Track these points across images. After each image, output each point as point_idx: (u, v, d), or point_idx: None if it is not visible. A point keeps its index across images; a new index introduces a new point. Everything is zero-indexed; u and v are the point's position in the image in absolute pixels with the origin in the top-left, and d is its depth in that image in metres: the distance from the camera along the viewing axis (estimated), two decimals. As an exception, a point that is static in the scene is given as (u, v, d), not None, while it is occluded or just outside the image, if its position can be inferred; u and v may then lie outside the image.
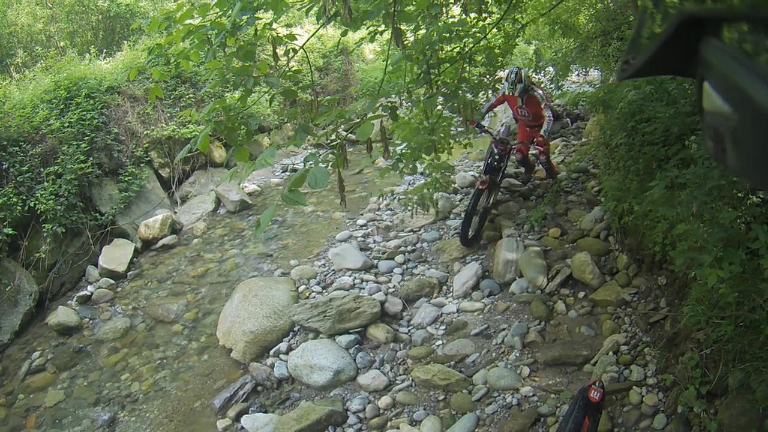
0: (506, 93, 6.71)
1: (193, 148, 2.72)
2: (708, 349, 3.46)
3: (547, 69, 10.36)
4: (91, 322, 7.04)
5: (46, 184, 7.96)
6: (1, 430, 5.47)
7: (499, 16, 5.63)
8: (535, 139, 6.64)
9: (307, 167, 2.10)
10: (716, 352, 3.41)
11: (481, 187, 6.38)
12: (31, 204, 7.71)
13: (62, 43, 13.09)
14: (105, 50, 11.74)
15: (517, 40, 6.40)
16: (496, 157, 6.62)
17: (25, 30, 12.73)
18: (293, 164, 11.49)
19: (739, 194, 3.24)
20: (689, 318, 3.51)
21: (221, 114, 3.29)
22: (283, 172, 11.40)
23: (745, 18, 0.48)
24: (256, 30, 3.25)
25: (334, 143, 2.55)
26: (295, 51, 3.21)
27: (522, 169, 8.02)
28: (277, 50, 3.35)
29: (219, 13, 3.16)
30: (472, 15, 5.11)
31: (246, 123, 2.86)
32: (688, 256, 3.33)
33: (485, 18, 5.26)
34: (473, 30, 4.98)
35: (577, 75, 10.85)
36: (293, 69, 3.11)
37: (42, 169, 8.08)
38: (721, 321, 3.27)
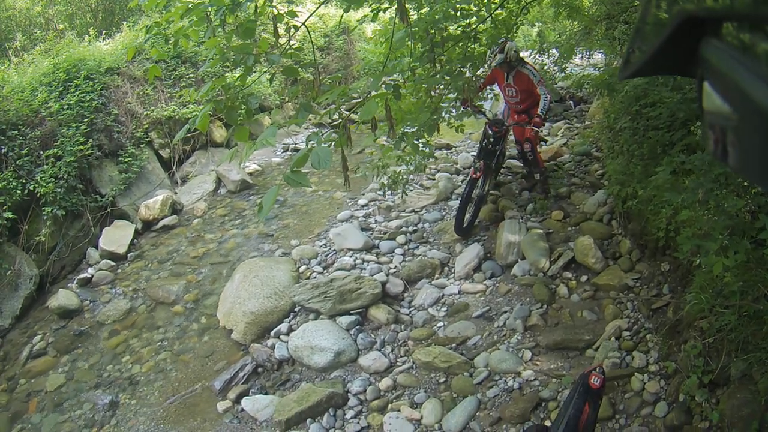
0: (492, 66, 6.33)
1: (192, 128, 2.68)
2: (711, 338, 3.45)
3: (550, 51, 10.26)
4: (91, 304, 7.03)
5: (45, 167, 7.91)
6: (3, 416, 5.46)
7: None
8: (532, 121, 6.17)
9: (309, 147, 2.06)
10: (719, 342, 3.40)
11: (474, 175, 6.15)
12: (31, 187, 7.66)
13: (61, 26, 12.97)
14: (104, 32, 11.64)
15: (519, 19, 6.29)
16: (491, 139, 6.30)
17: (23, 13, 12.64)
18: (295, 144, 11.41)
19: (745, 183, 3.20)
20: (692, 306, 3.49)
21: (221, 93, 3.24)
22: (284, 151, 11.32)
23: (745, 18, 0.47)
24: (256, 7, 3.19)
25: (337, 122, 2.50)
26: (296, 28, 3.16)
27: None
28: (278, 28, 3.29)
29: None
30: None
31: (246, 102, 2.82)
32: (694, 243, 3.31)
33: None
34: (478, 8, 4.90)
35: (581, 58, 10.74)
36: (295, 47, 3.06)
37: (41, 152, 8.02)
38: (724, 310, 3.25)
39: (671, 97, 4.37)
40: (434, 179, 8.06)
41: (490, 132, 6.29)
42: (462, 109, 5.34)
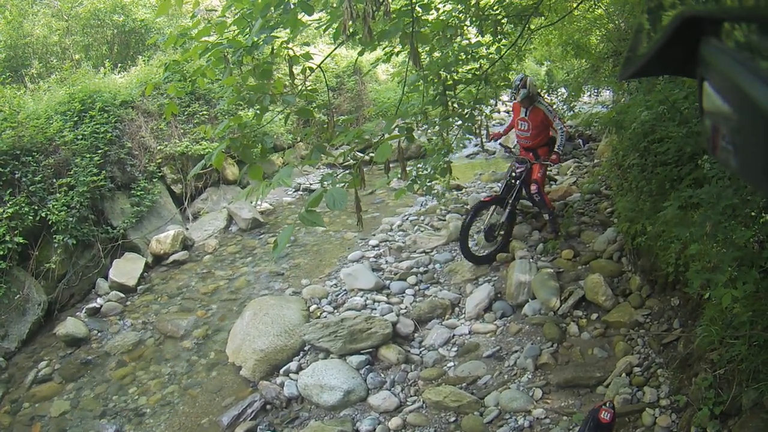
0: (517, 100, 6.48)
1: (208, 164, 2.73)
2: (722, 369, 3.42)
3: (559, 90, 10.38)
4: (99, 334, 7.04)
5: (58, 195, 8.00)
6: None
7: (514, 37, 5.65)
8: (550, 158, 6.33)
9: (324, 188, 2.10)
10: (730, 372, 3.37)
11: (483, 200, 6.41)
12: (43, 214, 7.74)
13: (77, 56, 13.21)
14: (119, 64, 11.87)
15: (526, 61, 6.44)
16: (513, 175, 6.51)
17: (40, 41, 12.85)
18: (308, 183, 11.55)
19: (753, 213, 3.21)
20: (703, 338, 3.48)
21: (236, 131, 3.30)
22: (295, 191, 11.45)
23: (744, 18, 0.48)
24: (272, 48, 3.27)
25: (350, 163, 2.54)
26: (312, 70, 3.23)
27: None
28: (293, 69, 3.36)
29: (236, 31, 3.19)
30: (487, 36, 5.15)
31: (261, 141, 2.87)
32: (704, 277, 3.31)
33: (500, 39, 5.28)
34: (488, 51, 5.00)
35: (589, 96, 10.86)
36: (309, 88, 3.12)
37: (54, 180, 8.12)
38: (734, 341, 3.24)
39: (678, 131, 4.40)
40: (445, 220, 8.11)
41: (515, 165, 6.62)
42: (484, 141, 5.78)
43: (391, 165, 2.88)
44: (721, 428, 3.35)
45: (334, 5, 3.13)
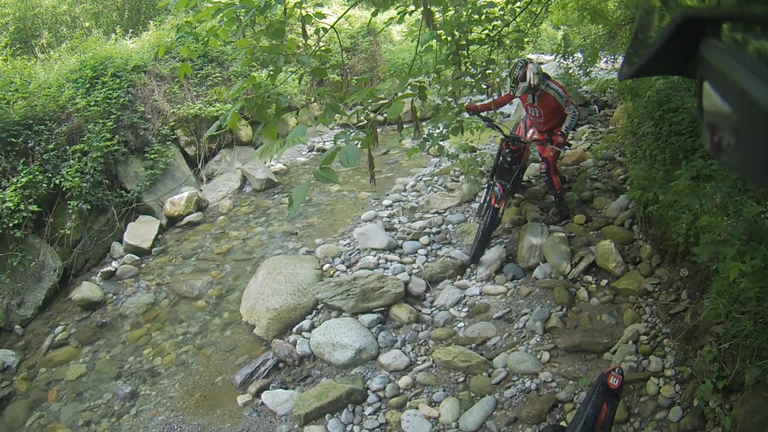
0: (515, 95, 5.82)
1: (223, 125, 2.76)
2: (726, 343, 3.44)
3: (575, 55, 10.25)
4: (114, 297, 7.16)
5: (71, 161, 8.07)
6: (22, 403, 5.59)
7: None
8: (554, 140, 5.69)
9: (338, 145, 2.12)
10: (734, 347, 3.39)
11: (496, 205, 5.75)
12: (57, 181, 7.82)
13: (87, 24, 13.18)
14: (131, 30, 11.84)
15: (543, 25, 6.29)
16: (508, 158, 5.83)
17: (49, 11, 12.83)
18: (322, 143, 11.56)
19: (764, 189, 3.20)
20: (709, 311, 3.50)
21: (249, 92, 3.31)
22: (309, 151, 11.46)
23: (744, 18, 0.48)
24: (285, 8, 3.26)
25: (363, 123, 2.56)
26: (325, 30, 3.22)
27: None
28: (306, 29, 3.36)
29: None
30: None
31: (276, 101, 2.89)
32: (712, 249, 3.32)
33: (514, 1, 5.22)
34: (502, 13, 4.95)
35: (606, 62, 10.70)
36: (324, 48, 3.13)
37: (68, 147, 8.19)
38: (741, 316, 3.25)
39: (693, 101, 4.36)
40: (458, 181, 8.10)
41: (506, 150, 5.88)
42: (465, 115, 5.08)
43: (404, 125, 2.90)
44: (723, 403, 3.38)
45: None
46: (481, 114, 5.86)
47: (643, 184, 4.98)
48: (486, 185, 6.05)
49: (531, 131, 6.37)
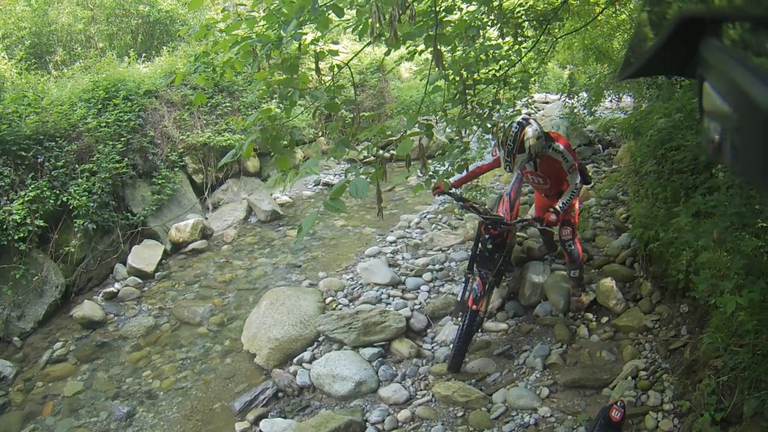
0: (514, 171, 4.91)
1: (238, 154, 2.84)
2: (725, 376, 3.46)
3: (580, 94, 10.39)
4: (116, 318, 7.18)
5: (80, 180, 8.15)
6: (17, 414, 5.58)
7: (534, 40, 5.71)
8: (546, 217, 4.79)
9: (348, 178, 2.20)
10: (733, 380, 3.41)
11: (474, 306, 4.90)
12: (64, 199, 7.89)
13: (101, 45, 13.37)
14: (144, 54, 12.03)
15: (549, 64, 6.35)
16: (489, 245, 4.97)
17: (65, 29, 12.99)
18: (328, 178, 11.69)
19: (763, 223, 3.26)
20: (708, 345, 3.53)
21: (262, 123, 3.40)
22: (315, 185, 11.60)
23: (744, 18, 0.48)
24: (300, 44, 3.37)
25: (370, 159, 2.62)
26: (340, 67, 3.32)
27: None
28: (320, 65, 3.46)
29: (264, 26, 3.28)
30: (508, 38, 5.22)
31: (291, 133, 2.98)
32: (710, 283, 3.36)
33: (521, 42, 5.34)
34: (509, 52, 5.07)
35: (610, 101, 10.85)
36: (336, 84, 3.22)
37: (77, 166, 8.27)
38: (739, 348, 3.28)
39: (693, 139, 4.43)
40: (462, 219, 8.18)
41: (486, 236, 4.99)
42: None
43: (412, 162, 2.98)
44: (721, 435, 3.40)
45: (361, 4, 3.23)
46: (452, 193, 5.23)
47: (644, 222, 5.03)
48: (464, 278, 5.23)
49: (507, 208, 5.66)
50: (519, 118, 4.67)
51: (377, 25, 2.47)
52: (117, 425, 5.25)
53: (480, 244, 5.04)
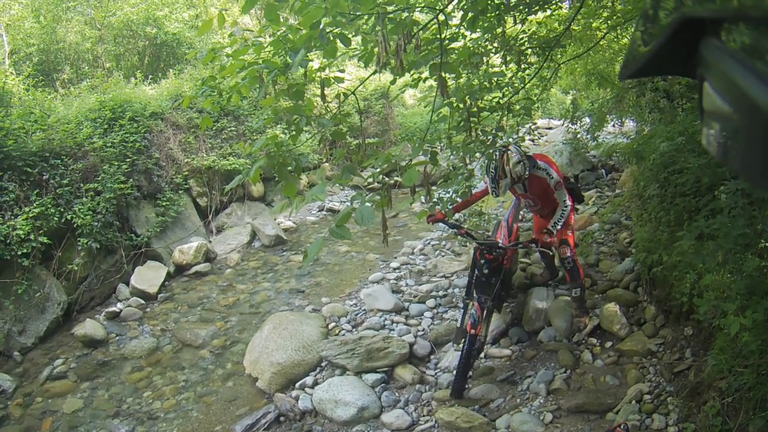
0: (500, 194, 4.96)
1: (245, 179, 2.86)
2: (730, 397, 3.44)
3: (583, 119, 10.45)
4: (117, 337, 7.19)
5: (84, 199, 8.20)
6: (14, 428, 5.58)
7: (537, 66, 5.77)
8: (540, 239, 4.92)
9: (353, 206, 2.22)
10: (737, 401, 3.39)
11: (473, 331, 4.85)
12: (68, 217, 7.93)
13: (108, 65, 13.52)
14: (150, 76, 12.15)
15: (552, 89, 6.39)
16: (485, 270, 5.00)
17: (72, 48, 13.14)
18: (332, 204, 11.75)
19: (766, 243, 3.26)
20: (712, 367, 3.51)
21: (267, 149, 3.43)
22: (319, 211, 11.68)
23: (744, 18, 0.47)
24: (306, 71, 3.41)
25: (373, 185, 2.65)
26: (346, 95, 3.36)
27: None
28: (325, 92, 3.51)
29: (271, 51, 3.33)
30: (511, 65, 5.27)
31: (297, 159, 3.01)
32: (712, 304, 3.36)
33: (524, 68, 5.39)
34: (512, 79, 5.12)
35: (613, 126, 10.90)
36: (343, 112, 3.26)
37: (82, 185, 8.32)
38: (743, 369, 3.27)
39: (696, 161, 4.44)
40: (465, 246, 8.19)
41: (482, 261, 5.02)
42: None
43: (416, 189, 3.00)
44: (726, 456, 3.37)
45: (366, 32, 3.27)
46: (449, 221, 5.22)
47: (648, 246, 5.03)
48: (462, 304, 5.23)
49: (505, 233, 5.72)
50: (498, 149, 4.79)
51: (383, 54, 2.50)
52: (116, 444, 5.22)
53: (476, 270, 5.10)
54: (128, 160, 8.94)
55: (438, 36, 3.11)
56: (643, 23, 0.69)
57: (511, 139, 5.14)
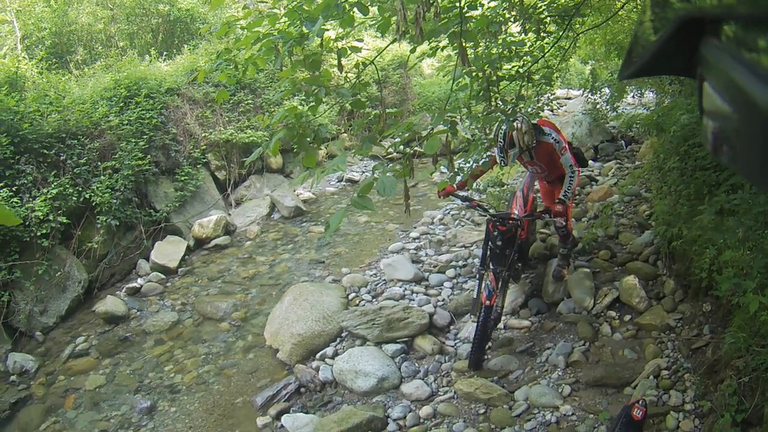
0: (508, 164, 5.05)
1: (265, 151, 2.86)
2: (746, 377, 3.43)
3: (603, 90, 10.31)
4: (138, 313, 7.28)
5: (102, 177, 8.25)
6: (38, 407, 5.69)
7: (556, 36, 5.68)
8: (553, 210, 4.90)
9: (375, 176, 2.21)
10: (754, 381, 3.38)
11: (487, 302, 4.87)
12: (87, 196, 8.00)
13: (122, 44, 13.51)
14: (165, 53, 12.13)
15: (571, 59, 6.31)
16: (498, 242, 5.03)
17: (85, 29, 13.13)
18: (355, 173, 11.73)
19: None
20: (730, 345, 3.50)
21: (286, 121, 3.42)
22: (338, 181, 11.66)
23: (744, 18, 0.47)
24: (322, 41, 3.38)
25: (395, 156, 2.63)
26: (364, 65, 3.33)
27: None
28: (342, 62, 3.47)
29: (286, 23, 3.30)
30: (530, 34, 5.19)
31: (317, 131, 2.99)
32: (733, 282, 3.32)
33: (543, 38, 5.31)
34: (531, 48, 5.04)
35: (633, 97, 10.75)
36: (362, 82, 3.23)
37: (99, 163, 8.37)
38: (761, 349, 3.24)
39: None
40: (485, 215, 8.14)
41: (495, 233, 5.06)
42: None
43: (438, 158, 2.99)
44: (741, 436, 3.36)
45: (383, 0, 3.23)
46: (460, 194, 5.30)
47: (668, 219, 4.99)
48: (477, 276, 5.32)
49: (521, 203, 5.67)
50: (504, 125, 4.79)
51: (402, 22, 2.47)
52: (138, 419, 5.32)
53: (490, 242, 5.11)
54: (145, 136, 8.96)
55: (457, 4, 3.06)
56: (643, 23, 0.68)
57: (519, 110, 5.05)
